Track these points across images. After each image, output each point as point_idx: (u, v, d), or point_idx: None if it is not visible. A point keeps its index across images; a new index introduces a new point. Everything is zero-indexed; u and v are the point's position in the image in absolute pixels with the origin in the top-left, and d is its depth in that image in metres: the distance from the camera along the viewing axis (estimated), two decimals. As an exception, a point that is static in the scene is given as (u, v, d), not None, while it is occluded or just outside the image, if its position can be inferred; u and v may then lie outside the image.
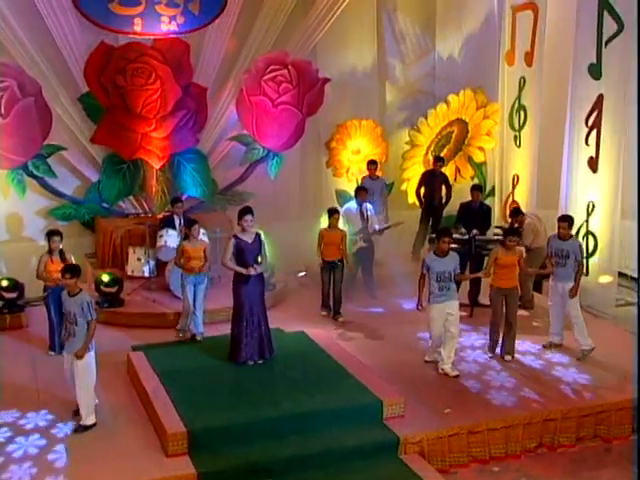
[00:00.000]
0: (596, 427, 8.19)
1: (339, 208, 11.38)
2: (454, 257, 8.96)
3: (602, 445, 8.13)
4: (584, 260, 9.69)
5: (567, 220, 9.54)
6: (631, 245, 10.79)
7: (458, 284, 9.44)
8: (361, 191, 11.57)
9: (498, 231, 11.10)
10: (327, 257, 10.72)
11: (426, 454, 7.54)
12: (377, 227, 11.47)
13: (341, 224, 11.01)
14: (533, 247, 10.72)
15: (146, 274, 11.49)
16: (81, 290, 7.67)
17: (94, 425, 7.70)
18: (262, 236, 8.95)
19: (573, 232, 11.30)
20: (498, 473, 7.63)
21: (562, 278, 9.38)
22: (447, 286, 8.80)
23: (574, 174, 11.59)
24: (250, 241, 8.80)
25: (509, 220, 11.22)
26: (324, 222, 12.52)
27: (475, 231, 10.90)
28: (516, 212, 11.03)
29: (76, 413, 7.84)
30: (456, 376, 8.82)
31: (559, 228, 9.47)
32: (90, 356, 7.66)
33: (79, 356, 7.54)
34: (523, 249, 9.92)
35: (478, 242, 10.83)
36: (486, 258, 10.60)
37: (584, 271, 9.99)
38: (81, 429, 7.66)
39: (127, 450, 7.37)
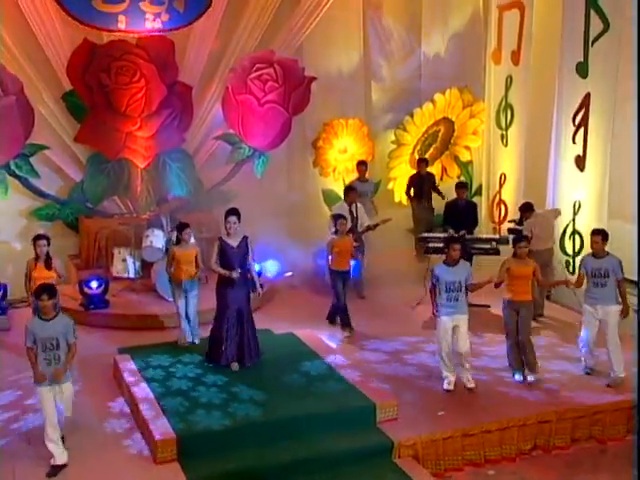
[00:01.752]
0: (591, 428, 7.98)
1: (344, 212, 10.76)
2: (465, 266, 8.34)
3: (597, 446, 7.92)
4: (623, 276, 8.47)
5: (600, 233, 8.46)
6: (617, 245, 10.63)
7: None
8: (350, 191, 11.28)
9: (511, 225, 10.75)
10: (339, 266, 9.79)
11: (420, 458, 7.29)
12: (368, 223, 11.06)
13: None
14: (532, 249, 10.31)
15: (131, 275, 11.18)
16: (58, 312, 6.87)
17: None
18: (249, 240, 8.60)
19: (560, 230, 11.27)
20: (493, 476, 7.40)
21: (601, 300, 8.35)
22: (456, 297, 8.12)
23: (561, 173, 11.42)
24: (235, 245, 8.47)
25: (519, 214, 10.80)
26: (311, 223, 12.39)
27: (463, 231, 10.65)
28: (525, 207, 10.51)
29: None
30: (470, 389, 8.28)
31: (592, 243, 8.53)
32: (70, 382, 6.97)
33: (61, 373, 6.75)
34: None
35: (467, 241, 10.57)
36: (474, 257, 10.45)
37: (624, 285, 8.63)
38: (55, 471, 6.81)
39: (115, 457, 7.06)
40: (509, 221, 11.42)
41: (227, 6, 12.00)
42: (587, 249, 10.79)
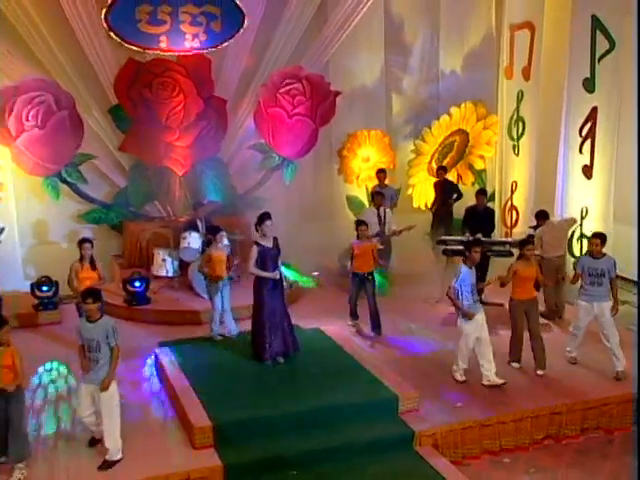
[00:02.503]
0: (599, 419, 7.85)
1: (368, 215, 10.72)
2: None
3: (605, 436, 7.80)
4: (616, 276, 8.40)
5: (600, 237, 8.35)
6: (622, 247, 10.44)
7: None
8: (377, 196, 11.15)
9: (531, 231, 10.53)
10: (358, 269, 9.54)
11: (440, 446, 7.20)
12: (395, 227, 10.90)
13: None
14: (543, 256, 9.91)
15: (170, 274, 11.16)
16: (102, 315, 6.66)
17: (121, 460, 6.68)
18: (278, 240, 8.52)
19: (568, 235, 11.05)
20: (509, 464, 7.29)
21: (597, 298, 8.27)
22: (478, 296, 8.14)
23: (569, 180, 11.27)
24: (270, 246, 8.40)
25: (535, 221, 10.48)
26: (336, 226, 12.30)
27: (479, 235, 10.47)
28: (540, 215, 10.21)
29: (92, 443, 6.94)
30: (504, 384, 7.97)
31: (591, 245, 8.44)
32: (113, 385, 6.63)
33: (105, 387, 6.52)
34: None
35: (483, 244, 10.39)
36: (491, 258, 10.28)
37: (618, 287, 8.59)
38: (107, 465, 6.61)
39: (155, 443, 7.02)
40: (529, 227, 11.17)
41: (259, 26, 11.98)
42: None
